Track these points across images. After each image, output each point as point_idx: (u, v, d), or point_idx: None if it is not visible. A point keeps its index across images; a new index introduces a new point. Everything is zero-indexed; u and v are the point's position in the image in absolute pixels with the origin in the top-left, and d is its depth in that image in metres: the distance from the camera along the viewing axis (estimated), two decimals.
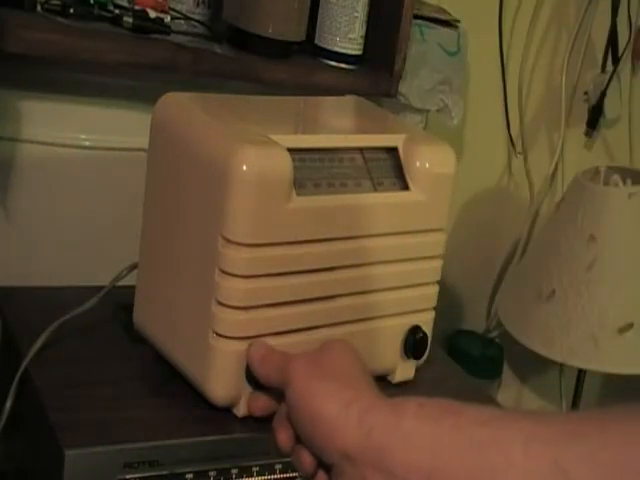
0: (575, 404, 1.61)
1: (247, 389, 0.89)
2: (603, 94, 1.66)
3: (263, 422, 0.90)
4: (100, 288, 1.01)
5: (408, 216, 0.97)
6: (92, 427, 0.86)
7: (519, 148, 1.67)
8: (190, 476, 0.87)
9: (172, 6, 1.22)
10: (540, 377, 1.83)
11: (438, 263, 1.01)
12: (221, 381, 0.89)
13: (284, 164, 0.86)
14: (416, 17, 1.32)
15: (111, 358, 0.99)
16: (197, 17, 1.25)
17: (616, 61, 1.66)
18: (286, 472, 0.91)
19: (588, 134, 1.73)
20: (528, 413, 0.59)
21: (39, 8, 1.13)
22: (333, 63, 1.30)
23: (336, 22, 1.29)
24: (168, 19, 1.19)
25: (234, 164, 0.84)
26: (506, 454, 0.55)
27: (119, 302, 1.04)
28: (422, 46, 1.35)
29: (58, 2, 1.13)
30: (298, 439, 0.69)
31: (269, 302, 0.89)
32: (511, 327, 1.49)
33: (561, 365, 1.67)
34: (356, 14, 1.29)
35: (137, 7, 1.18)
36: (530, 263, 1.55)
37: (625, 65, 1.70)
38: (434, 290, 1.02)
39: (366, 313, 0.96)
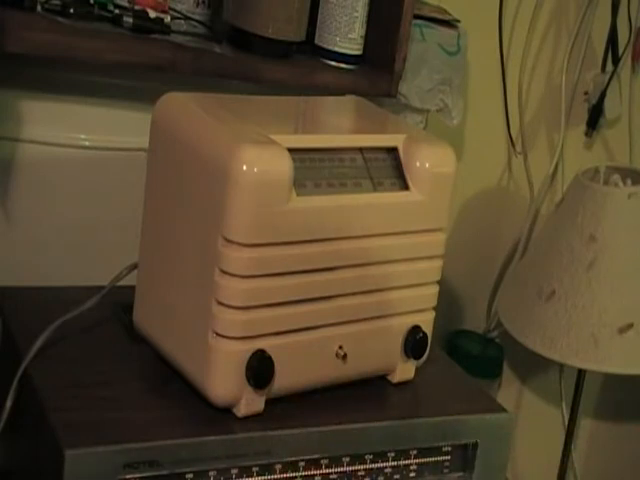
0: (575, 404, 1.61)
1: (247, 389, 0.89)
2: (603, 94, 1.66)
3: (263, 422, 0.91)
4: (100, 288, 1.01)
5: (408, 216, 0.97)
6: (92, 427, 0.86)
7: (519, 148, 1.67)
8: (190, 476, 0.87)
9: (172, 6, 1.22)
10: (540, 377, 1.83)
11: (438, 263, 1.01)
12: (221, 381, 0.89)
13: (284, 164, 0.86)
14: (416, 17, 1.33)
15: (111, 358, 0.99)
16: (197, 17, 1.25)
17: (616, 61, 1.66)
18: (286, 472, 0.91)
19: (588, 134, 1.73)
20: None
21: (39, 8, 1.13)
22: (333, 63, 1.30)
23: (336, 22, 1.29)
24: (168, 19, 1.19)
25: (234, 164, 0.84)
26: None
27: (119, 302, 1.04)
28: (422, 46, 1.35)
29: (58, 2, 1.14)
30: None
31: (269, 302, 0.89)
32: (511, 327, 1.49)
33: (561, 365, 1.67)
34: (356, 14, 1.29)
35: (137, 7, 1.18)
36: (530, 263, 1.55)
37: (625, 65, 1.70)
38: (434, 290, 1.02)
39: (366, 313, 0.96)
